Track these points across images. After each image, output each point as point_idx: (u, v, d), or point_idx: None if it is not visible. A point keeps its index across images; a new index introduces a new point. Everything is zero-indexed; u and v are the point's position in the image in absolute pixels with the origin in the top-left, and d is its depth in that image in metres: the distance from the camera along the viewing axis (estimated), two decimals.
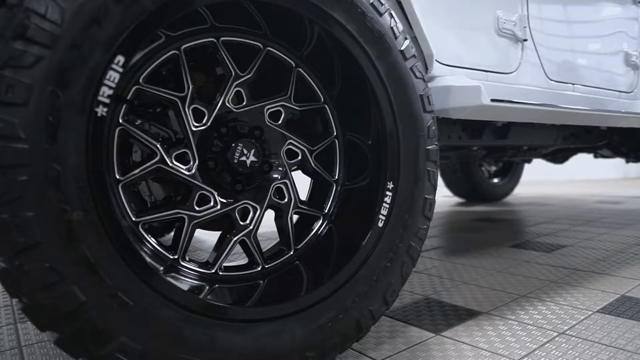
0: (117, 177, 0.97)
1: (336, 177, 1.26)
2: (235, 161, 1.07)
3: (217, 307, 0.92)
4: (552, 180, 6.77)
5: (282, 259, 1.18)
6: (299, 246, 1.20)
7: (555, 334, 1.24)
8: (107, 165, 0.96)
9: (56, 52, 0.75)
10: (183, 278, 1.04)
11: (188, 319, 0.88)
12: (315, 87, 1.21)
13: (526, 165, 4.53)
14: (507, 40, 1.74)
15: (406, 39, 1.17)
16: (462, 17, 1.60)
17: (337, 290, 1.06)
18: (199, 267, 1.07)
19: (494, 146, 2.37)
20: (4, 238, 0.72)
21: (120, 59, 0.81)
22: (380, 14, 1.11)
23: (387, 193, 1.14)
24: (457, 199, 4.59)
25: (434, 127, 1.21)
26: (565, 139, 2.42)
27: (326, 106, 1.23)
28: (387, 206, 1.14)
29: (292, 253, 1.19)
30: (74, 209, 0.77)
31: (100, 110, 0.80)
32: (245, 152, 1.08)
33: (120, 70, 0.82)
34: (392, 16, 1.15)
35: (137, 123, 1.08)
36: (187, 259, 1.06)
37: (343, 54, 1.12)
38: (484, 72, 1.65)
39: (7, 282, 0.75)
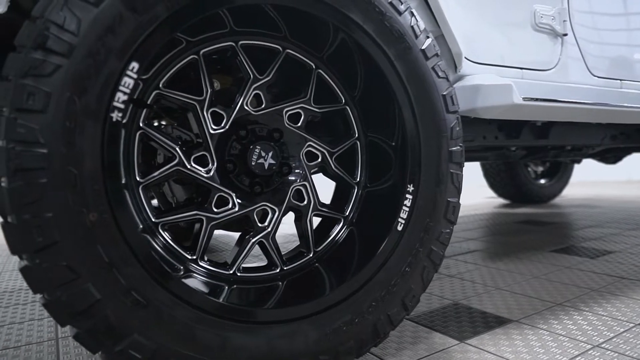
0: (138, 179, 1.01)
1: (358, 180, 1.24)
2: (253, 163, 1.08)
3: (229, 308, 0.93)
4: (606, 180, 6.40)
5: (301, 261, 1.18)
6: (319, 249, 1.20)
7: (589, 346, 1.16)
8: (127, 168, 1.00)
9: (73, 60, 0.78)
10: (202, 278, 1.06)
11: (200, 319, 0.90)
12: (336, 88, 1.20)
13: (577, 166, 4.31)
14: (544, 35, 1.65)
15: (428, 37, 1.13)
16: (494, 13, 1.54)
17: (353, 294, 1.05)
18: (217, 268, 1.08)
19: (534, 146, 2.27)
20: (26, 237, 0.77)
21: (135, 65, 0.84)
22: (400, 13, 1.09)
23: (407, 196, 1.12)
24: (501, 200, 4.43)
25: (457, 128, 1.17)
26: (613, 138, 2.28)
27: (347, 107, 1.22)
28: (407, 209, 1.11)
29: (311, 255, 1.19)
30: (89, 210, 0.80)
31: (116, 115, 0.83)
32: (263, 154, 1.09)
33: (135, 76, 0.84)
34: (412, 15, 1.12)
35: (158, 126, 1.11)
36: (205, 259, 1.08)
37: (363, 55, 1.10)
38: (519, 70, 1.58)
39: (30, 278, 0.79)
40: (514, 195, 4.14)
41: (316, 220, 1.24)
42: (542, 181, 4.23)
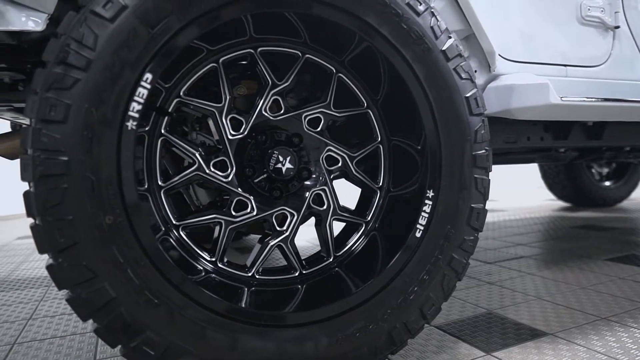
0: (160, 183, 1.06)
1: (380, 184, 1.23)
2: (271, 168, 1.10)
3: (239, 310, 0.95)
4: None
5: (320, 266, 1.18)
6: (339, 253, 1.20)
7: None
8: (149, 173, 1.05)
9: (91, 74, 0.83)
10: (221, 280, 1.10)
11: (210, 320, 0.93)
12: (357, 92, 1.19)
13: None
14: (592, 28, 1.54)
15: (450, 37, 1.10)
16: (533, 7, 1.46)
17: (367, 300, 1.04)
18: (236, 270, 1.11)
19: (586, 147, 2.12)
20: (49, 238, 0.83)
21: (149, 76, 0.88)
22: (418, 14, 1.06)
23: (427, 202, 1.09)
24: (561, 203, 4.18)
25: (483, 131, 1.12)
26: None
27: (369, 111, 1.21)
28: (426, 215, 1.08)
29: (331, 260, 1.19)
30: (106, 213, 0.85)
31: (130, 124, 0.87)
32: (281, 159, 1.11)
33: (149, 86, 0.88)
34: (433, 15, 1.08)
35: (179, 132, 1.15)
36: (225, 261, 1.11)
37: (383, 58, 1.09)
38: (562, 67, 1.48)
39: (54, 276, 0.85)
40: (575, 198, 3.88)
41: (341, 225, 1.24)
42: (607, 183, 3.94)
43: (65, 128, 0.83)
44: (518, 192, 5.37)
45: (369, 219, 1.22)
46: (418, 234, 1.08)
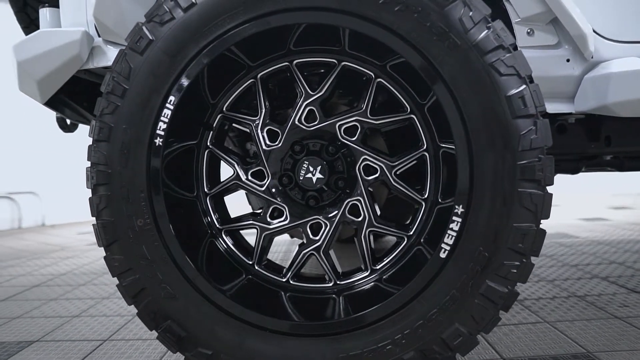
0: (206, 190, 1.19)
1: (426, 195, 1.12)
2: (301, 178, 1.12)
3: (245, 312, 1.01)
4: None
5: (355, 278, 1.15)
6: (378, 267, 1.15)
7: None
8: (197, 181, 1.19)
9: (126, 100, 1.01)
10: (259, 282, 1.17)
11: (220, 318, 1.01)
12: (400, 97, 1.12)
13: None
14: None
15: (488, 28, 0.94)
16: None
17: (378, 321, 0.98)
18: (272, 274, 1.17)
19: None
20: (100, 235, 1.03)
21: (172, 98, 1.01)
22: (442, 7, 0.94)
23: (455, 219, 0.96)
24: None
25: (534, 136, 0.93)
26: None
27: (414, 116, 1.12)
28: (454, 234, 0.96)
29: (367, 273, 1.15)
30: (137, 217, 1.02)
31: (158, 141, 1.02)
32: (312, 169, 1.12)
33: (172, 107, 1.01)
34: (465, 4, 0.94)
35: (221, 144, 1.25)
36: (262, 264, 1.18)
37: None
38: None
39: (108, 266, 1.06)
40: None
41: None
42: None
43: (109, 146, 1.02)
44: None
45: (411, 232, 1.13)
46: (443, 254, 0.96)
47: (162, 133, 1.02)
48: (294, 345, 0.99)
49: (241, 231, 1.23)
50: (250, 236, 1.18)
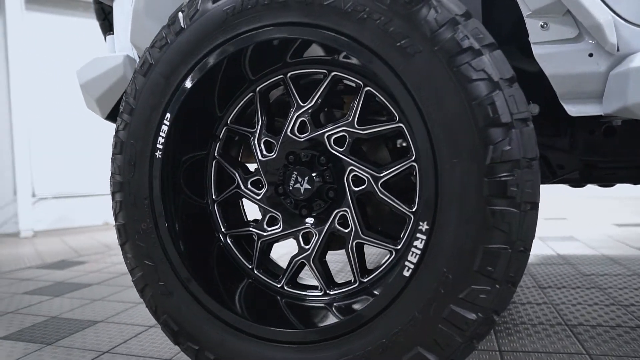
0: (214, 197, 1.28)
1: (414, 208, 1.06)
2: (290, 188, 1.15)
3: (227, 314, 1.07)
4: None
5: (346, 289, 1.14)
6: (365, 279, 1.12)
7: None
8: (207, 189, 1.28)
9: (133, 118, 1.14)
10: (258, 286, 1.23)
11: (206, 318, 1.09)
12: (389, 106, 1.07)
13: None
14: None
15: (455, 30, 0.86)
16: None
17: (342, 335, 0.96)
18: (268, 279, 1.22)
19: None
20: (117, 235, 1.19)
21: (168, 115, 1.12)
22: (406, 10, 0.88)
23: (419, 236, 0.90)
24: None
25: (506, 147, 0.83)
26: None
27: (402, 125, 1.06)
28: (418, 252, 0.90)
29: (356, 285, 1.13)
30: (142, 221, 1.15)
31: (158, 154, 1.13)
32: (300, 179, 1.13)
33: (168, 123, 1.12)
34: (431, 7, 0.87)
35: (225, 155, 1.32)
36: (261, 269, 1.23)
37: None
38: None
39: (126, 263, 1.21)
40: None
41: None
42: None
43: (122, 158, 1.16)
44: None
45: (399, 247, 1.08)
46: (407, 273, 0.91)
47: (161, 147, 1.13)
48: (255, 349, 1.03)
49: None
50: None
